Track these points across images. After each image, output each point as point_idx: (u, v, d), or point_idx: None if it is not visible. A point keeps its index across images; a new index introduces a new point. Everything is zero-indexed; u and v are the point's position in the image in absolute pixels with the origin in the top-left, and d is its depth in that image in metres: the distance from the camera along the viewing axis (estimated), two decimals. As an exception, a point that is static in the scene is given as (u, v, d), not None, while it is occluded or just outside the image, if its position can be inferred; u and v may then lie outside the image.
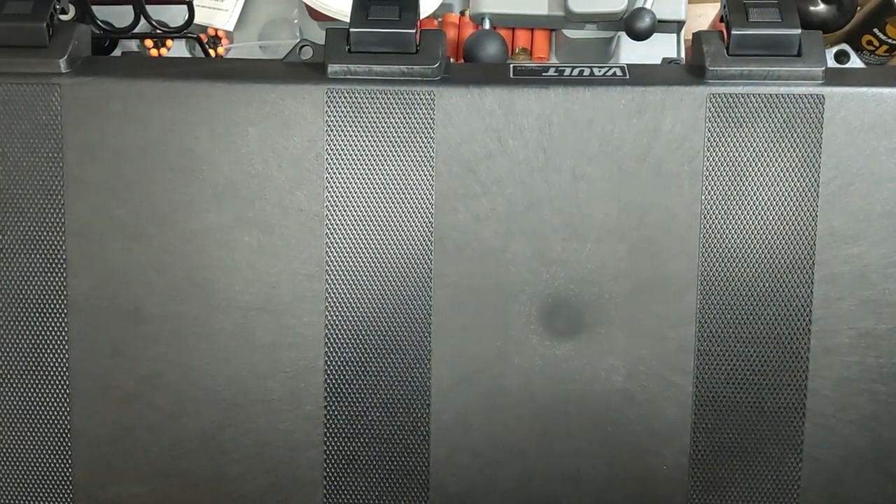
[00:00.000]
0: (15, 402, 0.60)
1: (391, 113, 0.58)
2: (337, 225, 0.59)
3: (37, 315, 0.59)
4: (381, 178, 0.58)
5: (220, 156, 0.58)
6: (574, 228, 0.58)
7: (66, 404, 0.60)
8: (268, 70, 0.60)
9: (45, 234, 0.59)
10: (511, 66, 0.60)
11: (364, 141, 0.58)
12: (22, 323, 0.59)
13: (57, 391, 0.60)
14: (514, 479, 0.60)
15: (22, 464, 0.60)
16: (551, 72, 0.59)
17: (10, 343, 0.60)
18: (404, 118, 0.58)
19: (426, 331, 0.59)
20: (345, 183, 0.58)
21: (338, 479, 0.60)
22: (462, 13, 0.79)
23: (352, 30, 0.59)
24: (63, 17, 0.68)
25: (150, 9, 0.72)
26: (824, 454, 0.59)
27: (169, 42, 0.77)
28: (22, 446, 0.60)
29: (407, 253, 0.59)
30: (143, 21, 0.72)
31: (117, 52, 0.76)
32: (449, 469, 0.60)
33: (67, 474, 0.60)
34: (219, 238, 0.59)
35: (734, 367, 0.59)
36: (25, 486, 0.61)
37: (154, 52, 0.78)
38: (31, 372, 0.60)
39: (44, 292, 0.59)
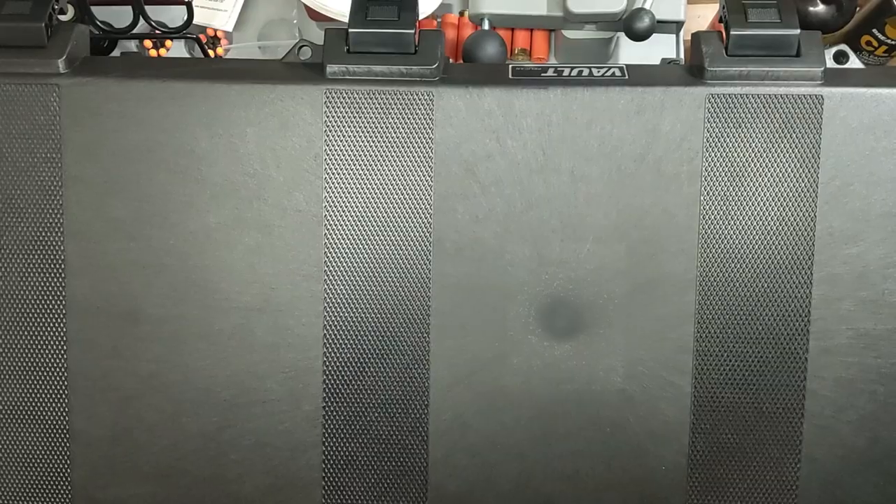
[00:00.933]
0: (13, 403, 0.60)
1: (390, 113, 0.58)
2: (336, 225, 0.59)
3: (35, 315, 0.59)
4: (379, 178, 0.58)
5: (218, 156, 0.58)
6: (573, 229, 0.58)
7: (64, 405, 0.60)
8: (266, 70, 0.60)
9: (43, 234, 0.59)
10: (510, 66, 0.60)
11: (363, 141, 0.58)
12: (20, 323, 0.59)
13: (55, 392, 0.60)
14: (512, 479, 0.60)
15: (21, 464, 0.60)
16: (550, 72, 0.59)
17: (8, 344, 0.60)
18: (403, 118, 0.58)
19: (425, 331, 0.59)
20: (343, 183, 0.58)
21: (336, 479, 0.60)
22: (461, 13, 0.79)
23: (350, 30, 0.59)
24: (62, 18, 0.68)
25: (149, 9, 0.72)
26: (823, 455, 0.59)
27: (168, 42, 0.77)
28: (21, 447, 0.60)
29: (405, 253, 0.59)
30: (142, 21, 0.72)
31: (116, 53, 0.76)
32: (447, 469, 0.60)
33: (66, 475, 0.60)
34: (217, 238, 0.59)
35: (733, 367, 0.59)
36: (24, 486, 0.61)
37: (153, 53, 0.78)
38: (30, 372, 0.60)
39: (42, 293, 0.59)
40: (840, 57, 0.61)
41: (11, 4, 0.59)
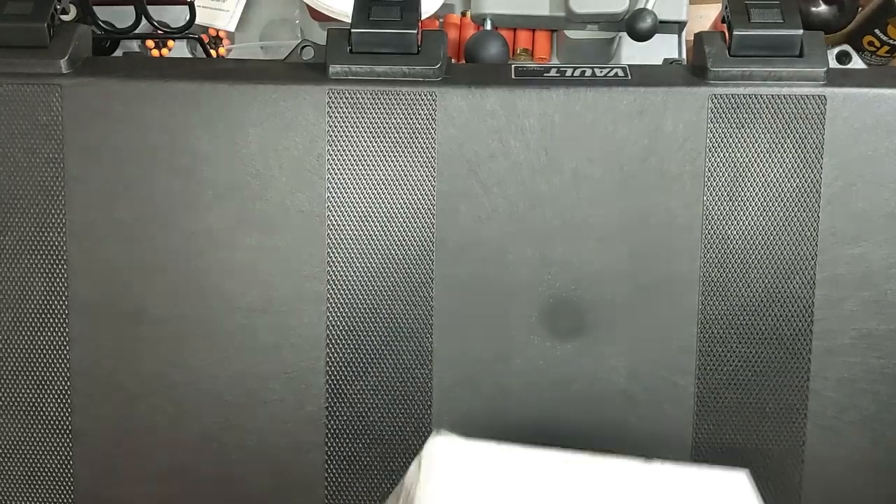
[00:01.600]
0: (16, 404, 0.60)
1: (392, 113, 0.58)
2: (338, 226, 0.59)
3: (38, 316, 0.59)
4: (382, 178, 0.58)
5: (221, 157, 0.58)
6: (576, 229, 0.58)
7: (67, 405, 0.60)
8: (269, 71, 0.60)
9: (45, 235, 0.59)
10: (512, 66, 0.60)
11: (365, 141, 0.58)
12: (23, 324, 0.59)
13: (58, 392, 0.60)
14: (515, 480, 0.60)
15: (23, 465, 0.60)
16: (553, 72, 0.59)
17: (11, 344, 0.60)
18: (406, 119, 0.58)
19: (427, 332, 0.59)
20: (346, 184, 0.58)
21: (339, 479, 0.60)
22: (463, 14, 0.79)
23: (353, 30, 0.59)
24: (64, 18, 0.68)
25: (151, 9, 0.72)
26: (826, 455, 0.59)
27: (170, 43, 0.77)
28: (23, 447, 0.60)
29: (408, 254, 0.59)
30: (144, 22, 0.72)
31: (118, 53, 0.76)
32: (450, 470, 0.60)
33: (69, 475, 0.60)
34: (220, 239, 0.59)
35: (736, 368, 0.59)
36: (27, 487, 0.61)
37: (155, 53, 0.78)
38: (33, 373, 0.60)
39: (45, 293, 0.59)
40: (843, 57, 0.61)
41: (13, 5, 0.59)
